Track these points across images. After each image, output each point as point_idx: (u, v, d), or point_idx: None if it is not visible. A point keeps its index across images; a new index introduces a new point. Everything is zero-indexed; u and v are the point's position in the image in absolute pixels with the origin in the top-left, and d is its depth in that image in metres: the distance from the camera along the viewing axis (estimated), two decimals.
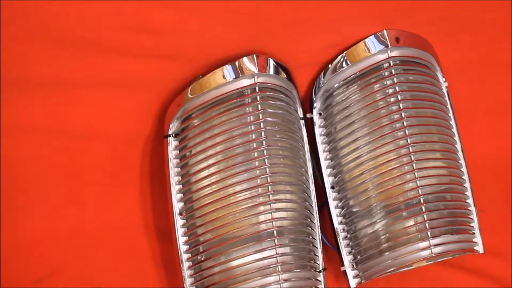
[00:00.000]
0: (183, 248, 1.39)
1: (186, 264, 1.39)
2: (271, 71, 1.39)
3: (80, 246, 1.48)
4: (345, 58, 1.43)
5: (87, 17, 1.34)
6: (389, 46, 1.41)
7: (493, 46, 1.54)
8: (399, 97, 1.40)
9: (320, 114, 1.47)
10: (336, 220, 1.45)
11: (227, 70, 1.37)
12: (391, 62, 1.42)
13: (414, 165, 1.39)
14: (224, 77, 1.37)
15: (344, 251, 1.45)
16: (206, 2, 1.35)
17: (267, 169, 1.36)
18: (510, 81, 1.58)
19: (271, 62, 1.40)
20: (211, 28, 1.39)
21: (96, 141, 1.46)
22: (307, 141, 1.45)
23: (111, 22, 1.35)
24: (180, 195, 1.40)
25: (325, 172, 1.46)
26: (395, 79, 1.41)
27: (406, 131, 1.40)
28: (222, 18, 1.38)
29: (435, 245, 1.38)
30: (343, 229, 1.45)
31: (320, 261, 1.43)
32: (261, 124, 1.37)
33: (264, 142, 1.37)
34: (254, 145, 1.37)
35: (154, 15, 1.35)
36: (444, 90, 1.48)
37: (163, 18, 1.36)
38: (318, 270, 1.42)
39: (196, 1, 1.35)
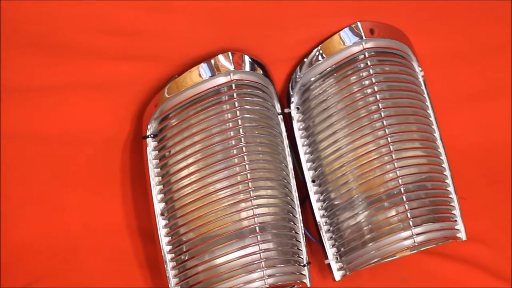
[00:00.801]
0: (166, 248, 1.39)
1: (170, 264, 1.39)
2: (247, 68, 1.39)
3: (65, 250, 1.48)
4: (321, 51, 1.43)
5: (62, 21, 1.34)
6: (364, 38, 1.41)
7: (468, 34, 1.54)
8: (376, 88, 1.41)
9: (297, 108, 1.47)
10: (318, 213, 1.46)
11: (203, 68, 1.37)
12: (366, 53, 1.42)
13: (393, 155, 1.39)
14: (200, 75, 1.37)
15: (327, 244, 1.45)
16: (180, 2, 1.35)
17: (247, 165, 1.36)
18: (486, 68, 1.58)
19: (247, 59, 1.40)
20: (186, 28, 1.39)
21: (76, 145, 1.46)
22: (286, 136, 1.45)
23: (85, 25, 1.35)
24: (161, 196, 1.40)
25: (305, 166, 1.46)
26: (370, 70, 1.41)
27: (384, 121, 1.40)
28: (196, 17, 1.38)
29: (418, 234, 1.38)
30: (326, 222, 1.45)
31: (304, 255, 1.43)
32: (239, 121, 1.37)
33: (242, 139, 1.37)
34: (233, 142, 1.37)
35: (128, 17, 1.34)
36: (421, 80, 1.48)
37: (137, 19, 1.35)
38: (302, 264, 1.42)
39: (169, 1, 1.35)
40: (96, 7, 1.33)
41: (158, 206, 1.39)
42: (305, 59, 1.44)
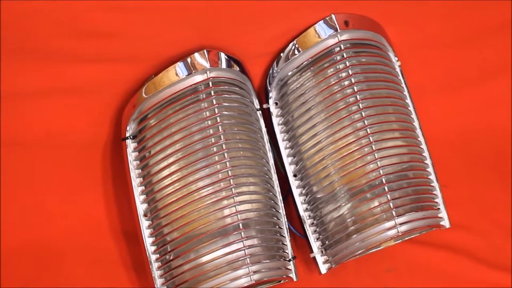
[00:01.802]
0: (151, 249, 1.39)
1: (155, 265, 1.39)
2: (223, 65, 1.39)
3: (50, 256, 1.48)
4: (296, 45, 1.43)
5: (36, 26, 1.33)
6: (339, 30, 1.42)
7: (443, 22, 1.55)
8: (353, 80, 1.41)
9: (276, 103, 1.47)
10: (301, 207, 1.46)
11: (179, 67, 1.37)
12: (342, 46, 1.42)
13: (373, 146, 1.40)
14: (177, 74, 1.37)
15: (312, 237, 1.45)
16: (152, 2, 1.35)
17: (228, 162, 1.36)
18: (462, 55, 1.59)
19: (223, 56, 1.40)
20: (160, 27, 1.39)
21: (55, 149, 1.46)
22: (265, 132, 1.45)
23: (58, 29, 1.34)
24: (143, 197, 1.39)
25: (286, 160, 1.46)
26: (347, 62, 1.41)
27: (363, 113, 1.40)
28: (170, 16, 1.38)
29: (401, 224, 1.39)
30: (309, 216, 1.45)
31: (289, 250, 1.43)
32: (218, 118, 1.37)
33: (222, 136, 1.37)
34: (213, 140, 1.37)
35: (100, 19, 1.34)
36: (398, 70, 1.49)
37: (110, 20, 1.35)
38: (287, 259, 1.42)
39: (141, 1, 1.35)
40: (69, 11, 1.32)
41: (141, 207, 1.39)
42: (282, 54, 1.44)
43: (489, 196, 1.62)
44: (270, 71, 1.45)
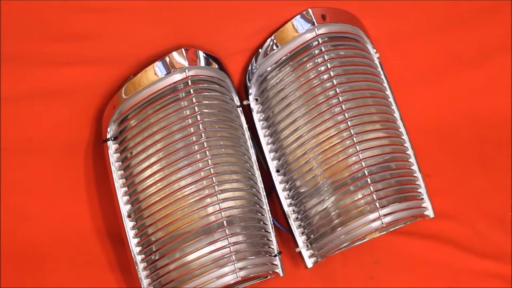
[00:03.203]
0: (136, 249, 1.39)
1: (141, 265, 1.38)
2: (202, 63, 1.39)
3: (35, 261, 1.47)
4: (274, 41, 1.43)
5: (11, 31, 1.33)
6: (316, 24, 1.42)
7: (419, 11, 1.55)
8: (332, 74, 1.41)
9: (256, 99, 1.47)
10: (285, 202, 1.46)
11: (158, 66, 1.37)
12: (319, 39, 1.42)
13: (354, 138, 1.40)
14: (155, 74, 1.37)
15: (296, 232, 1.45)
16: (127, 2, 1.35)
17: (209, 160, 1.36)
18: (440, 44, 1.59)
19: (201, 54, 1.39)
20: (136, 27, 1.39)
21: (37, 154, 1.45)
22: (247, 128, 1.45)
23: (34, 33, 1.34)
24: (126, 198, 1.39)
25: (269, 156, 1.46)
26: (325, 56, 1.42)
27: (343, 106, 1.40)
28: (146, 16, 1.38)
29: (385, 215, 1.39)
30: (293, 211, 1.46)
31: (275, 245, 1.43)
32: (198, 116, 1.37)
33: (203, 134, 1.36)
34: (194, 139, 1.37)
35: (75, 21, 1.34)
36: (376, 61, 1.49)
37: (85, 22, 1.35)
38: (273, 255, 1.42)
39: (117, 2, 1.34)
40: (43, 14, 1.32)
41: (125, 208, 1.39)
42: (260, 50, 1.44)
43: (472, 184, 1.62)
44: (249, 68, 1.45)
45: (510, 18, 1.59)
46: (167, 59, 1.37)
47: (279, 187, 1.46)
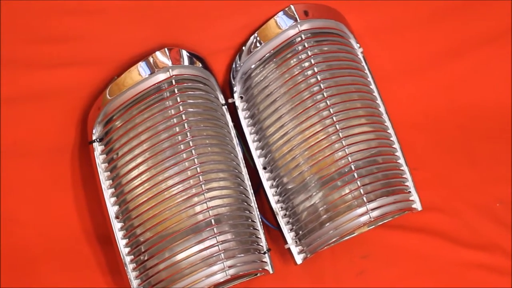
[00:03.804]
0: (124, 250, 1.38)
1: (130, 266, 1.38)
2: (185, 62, 1.39)
3: (25, 264, 1.47)
4: (258, 38, 1.43)
5: None
6: (299, 20, 1.42)
7: (401, 5, 1.56)
8: (316, 69, 1.41)
9: (241, 97, 1.47)
10: (272, 199, 1.46)
11: (142, 67, 1.37)
12: (302, 36, 1.42)
13: (340, 134, 1.40)
14: (139, 74, 1.37)
15: (285, 229, 1.45)
16: (109, 2, 1.34)
17: (196, 159, 1.36)
18: (423, 37, 1.59)
19: (184, 53, 1.39)
20: (120, 28, 1.39)
21: (24, 158, 1.45)
22: (232, 126, 1.45)
23: (17, 36, 1.34)
24: (113, 199, 1.39)
25: (255, 154, 1.46)
26: (309, 52, 1.42)
27: (328, 101, 1.41)
28: (129, 16, 1.38)
29: (373, 209, 1.39)
30: (281, 207, 1.46)
31: (264, 243, 1.43)
32: (183, 116, 1.37)
33: (188, 133, 1.36)
34: (179, 138, 1.37)
35: (57, 23, 1.34)
36: (360, 56, 1.49)
37: (67, 24, 1.35)
38: (262, 252, 1.42)
39: (98, 2, 1.34)
40: (26, 17, 1.32)
41: (112, 210, 1.39)
42: (243, 47, 1.44)
43: (459, 176, 1.63)
44: (233, 65, 1.45)
45: (491, 10, 1.60)
46: (151, 59, 1.37)
47: (266, 184, 1.46)
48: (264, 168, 1.46)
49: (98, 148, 1.40)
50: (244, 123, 1.46)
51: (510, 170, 1.64)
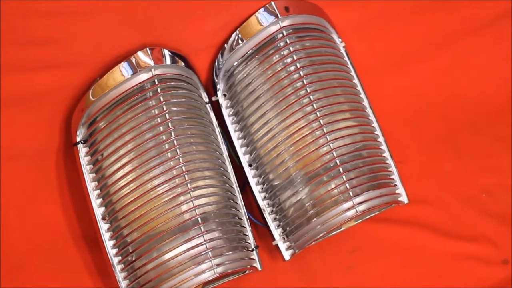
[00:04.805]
0: (112, 251, 1.38)
1: (118, 267, 1.38)
2: (168, 62, 1.39)
3: (13, 268, 1.46)
4: (239, 35, 1.43)
5: None
6: (280, 17, 1.42)
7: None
8: (298, 65, 1.41)
9: (224, 95, 1.47)
10: (259, 196, 1.46)
11: (124, 67, 1.37)
12: (284, 32, 1.42)
13: (324, 129, 1.40)
14: (122, 74, 1.37)
15: (272, 225, 1.45)
16: (89, 2, 1.34)
17: (181, 158, 1.36)
18: (406, 30, 1.60)
19: (166, 53, 1.39)
20: (101, 29, 1.38)
21: (8, 162, 1.44)
22: (217, 124, 1.45)
23: None
24: (100, 200, 1.39)
25: (240, 151, 1.46)
26: (291, 48, 1.42)
27: (311, 97, 1.41)
28: (109, 17, 1.37)
29: (359, 204, 1.39)
30: (268, 204, 1.46)
31: (251, 240, 1.43)
32: (167, 115, 1.37)
33: (172, 132, 1.36)
34: (164, 137, 1.37)
35: (38, 25, 1.34)
36: (342, 51, 1.49)
37: (47, 26, 1.34)
38: (250, 249, 1.43)
39: (78, 3, 1.34)
40: (6, 19, 1.31)
41: (98, 211, 1.39)
42: (226, 45, 1.44)
43: (444, 168, 1.63)
44: (216, 63, 1.45)
45: (473, 2, 1.60)
46: (133, 59, 1.37)
47: (252, 181, 1.46)
48: (250, 165, 1.46)
49: (82, 150, 1.39)
50: (228, 120, 1.46)
51: (495, 161, 1.65)
